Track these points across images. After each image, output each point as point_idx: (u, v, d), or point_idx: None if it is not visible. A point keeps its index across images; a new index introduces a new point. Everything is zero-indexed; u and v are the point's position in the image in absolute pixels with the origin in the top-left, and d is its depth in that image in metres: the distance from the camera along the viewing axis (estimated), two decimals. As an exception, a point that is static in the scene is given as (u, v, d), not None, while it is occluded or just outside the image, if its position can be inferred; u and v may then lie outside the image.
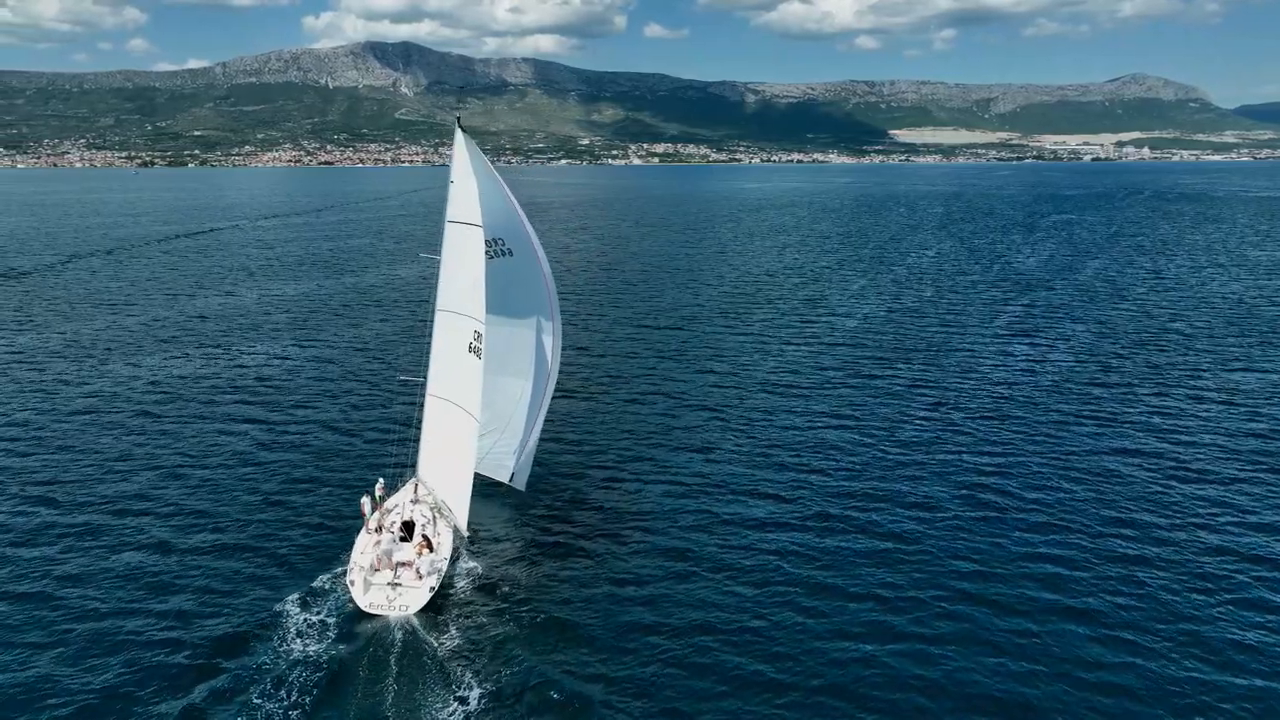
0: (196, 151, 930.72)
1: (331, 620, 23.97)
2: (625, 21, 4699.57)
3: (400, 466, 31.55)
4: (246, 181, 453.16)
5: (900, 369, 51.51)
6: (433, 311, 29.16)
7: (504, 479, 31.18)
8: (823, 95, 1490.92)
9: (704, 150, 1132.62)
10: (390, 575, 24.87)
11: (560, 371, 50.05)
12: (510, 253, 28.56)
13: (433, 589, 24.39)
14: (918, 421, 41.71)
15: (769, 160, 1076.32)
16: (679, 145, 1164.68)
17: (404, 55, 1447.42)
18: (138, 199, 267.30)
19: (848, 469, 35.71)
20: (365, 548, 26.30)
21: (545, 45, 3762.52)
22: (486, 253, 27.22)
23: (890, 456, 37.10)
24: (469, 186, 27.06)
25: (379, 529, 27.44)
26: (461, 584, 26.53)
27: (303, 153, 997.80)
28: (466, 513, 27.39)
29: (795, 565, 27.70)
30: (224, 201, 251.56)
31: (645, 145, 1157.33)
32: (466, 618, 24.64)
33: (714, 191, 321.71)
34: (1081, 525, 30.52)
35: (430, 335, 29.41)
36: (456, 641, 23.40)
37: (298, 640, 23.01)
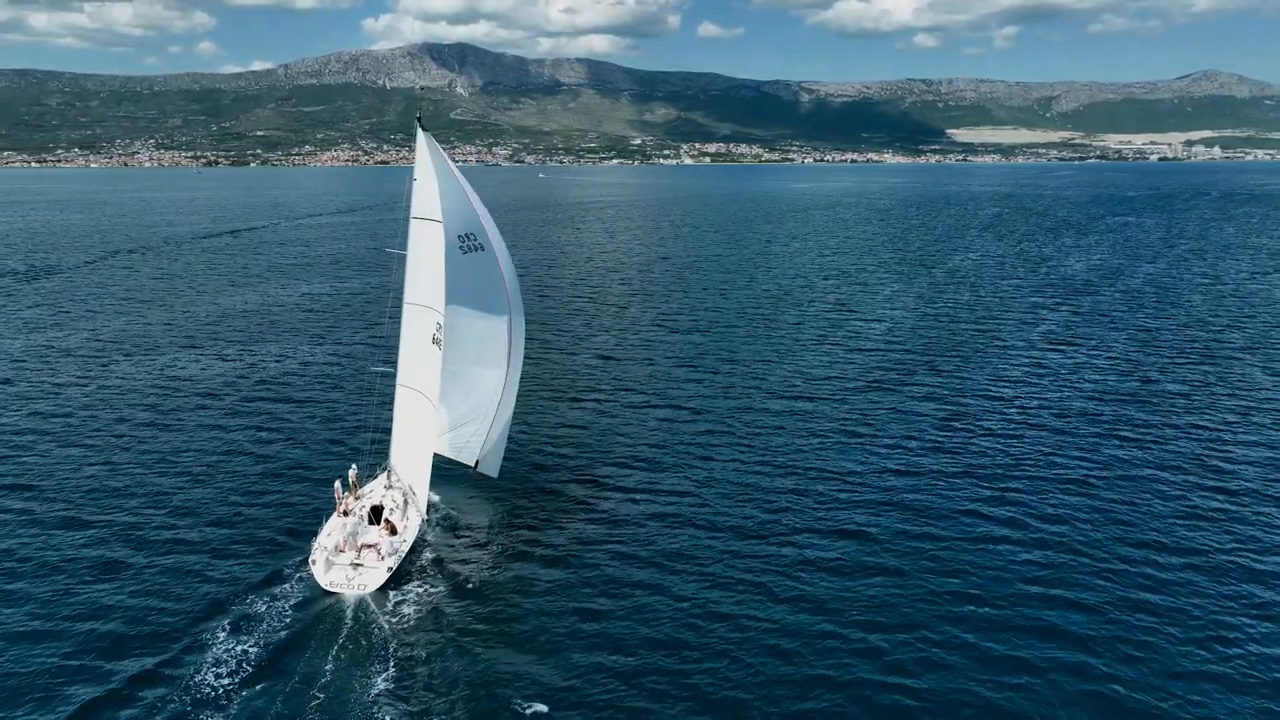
0: (259, 151, 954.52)
1: (292, 598, 24.67)
2: (679, 21, 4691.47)
3: (377, 454, 32.39)
4: (304, 180, 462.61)
5: (922, 378, 49.15)
6: (400, 305, 29.95)
7: (471, 463, 31.80)
8: (878, 94, 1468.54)
9: (756, 150, 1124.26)
10: (354, 556, 25.80)
11: (568, 374, 49.59)
12: (481, 248, 28.86)
13: (390, 569, 25.35)
14: (932, 436, 39.49)
15: (822, 160, 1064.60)
16: (731, 145, 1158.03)
17: (460, 56, 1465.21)
18: (194, 197, 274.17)
19: (849, 484, 33.77)
20: (333, 530, 27.21)
21: (599, 45, 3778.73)
22: (460, 248, 28.11)
23: (896, 472, 35.04)
24: (430, 184, 27.95)
25: (346, 513, 28.28)
26: (425, 570, 26.82)
27: (360, 152, 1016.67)
28: (425, 494, 28.78)
29: (776, 583, 25.96)
30: (276, 200, 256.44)
31: (697, 145, 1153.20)
32: (421, 603, 24.85)
33: (761, 192, 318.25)
34: (1103, 552, 28.14)
35: (400, 328, 30.24)
36: (407, 626, 23.62)
37: (256, 617, 23.71)
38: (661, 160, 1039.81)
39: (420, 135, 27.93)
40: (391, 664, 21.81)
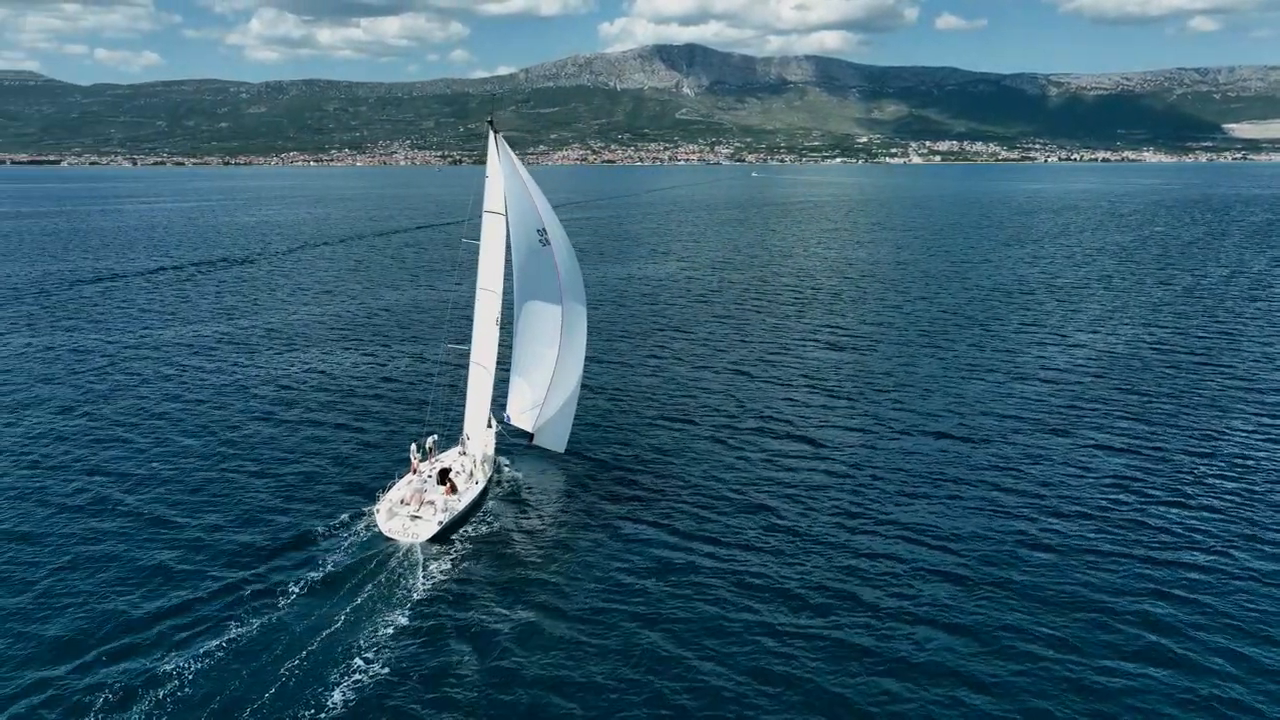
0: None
1: (355, 539, 28.12)
2: (916, 14, 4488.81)
3: (454, 424, 35.53)
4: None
5: (1109, 423, 40.33)
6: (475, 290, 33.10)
7: (529, 430, 34.12)
8: (1140, 86, 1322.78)
9: (993, 148, 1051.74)
10: (414, 509, 28.81)
11: (693, 389, 45.62)
12: (549, 241, 31.10)
13: (441, 523, 28.06)
14: (1098, 500, 31.57)
15: (1068, 159, 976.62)
16: (965, 143, 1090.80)
17: (688, 57, 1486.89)
18: (421, 194, 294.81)
19: (966, 554, 27.12)
20: (401, 486, 30.66)
21: (830, 42, 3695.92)
22: (540, 240, 31.07)
23: (1035, 546, 27.88)
24: (498, 181, 31.60)
25: (416, 473, 31.44)
26: (479, 532, 29.08)
27: (589, 151, 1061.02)
28: (480, 460, 32.42)
29: (827, 672, 20.68)
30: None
31: (927, 143, 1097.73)
32: (462, 560, 27.14)
33: (986, 193, 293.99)
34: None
35: (474, 311, 33.54)
36: (442, 576, 25.95)
37: (322, 549, 27.52)
38: (888, 159, 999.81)
39: (491, 137, 31.22)
40: (417, 606, 24.12)
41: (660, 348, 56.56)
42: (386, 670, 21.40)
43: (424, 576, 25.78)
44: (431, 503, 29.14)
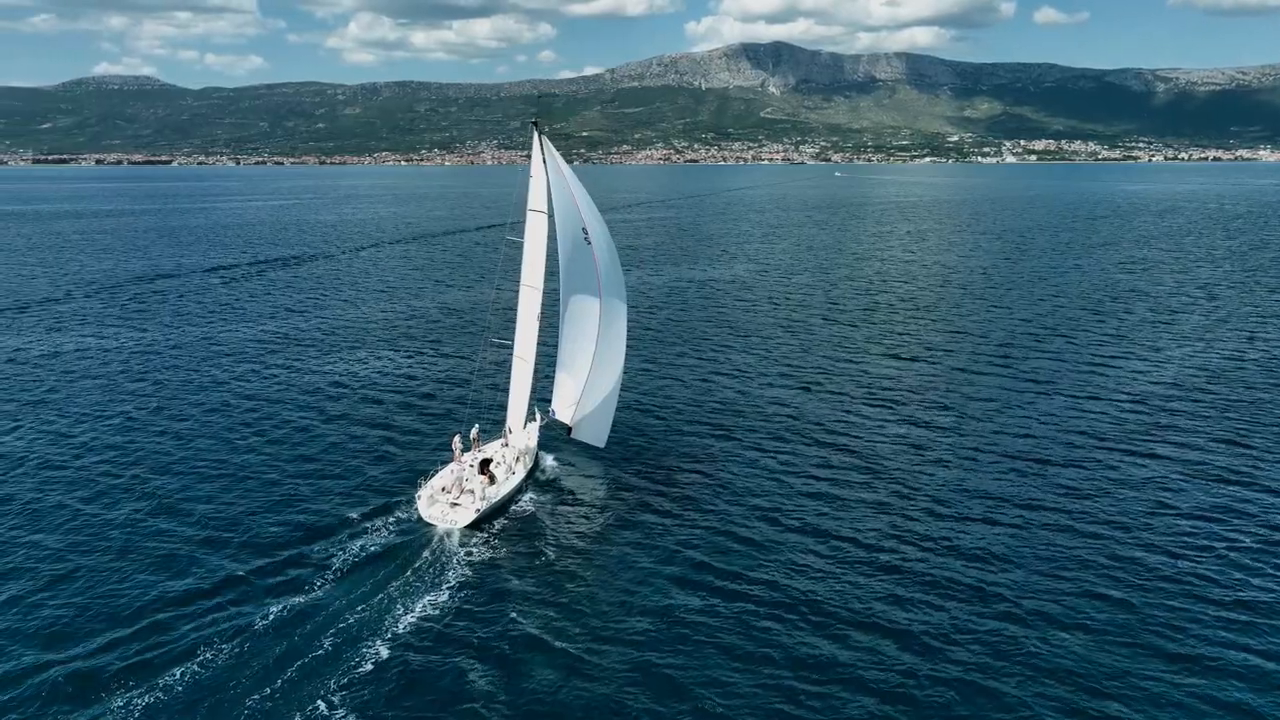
0: (582, 150, 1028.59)
1: (398, 522, 29.31)
2: (1013, 8, 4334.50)
3: (497, 417, 36.06)
4: (604, 178, 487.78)
5: (1198, 449, 36.75)
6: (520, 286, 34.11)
7: (567, 422, 34.79)
8: (1257, 80, 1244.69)
9: (1093, 147, 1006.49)
10: (454, 496, 29.80)
11: (746, 402, 43.61)
12: (590, 240, 31.54)
13: (478, 511, 28.99)
14: (1185, 542, 28.49)
15: (1175, 158, 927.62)
16: (1063, 142, 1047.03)
17: (774, 55, 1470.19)
18: (501, 192, 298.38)
19: (1026, 598, 24.58)
20: (444, 474, 31.30)
21: (921, 39, 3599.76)
22: (585, 239, 31.60)
23: (1109, 590, 25.09)
24: (541, 180, 32.39)
25: (456, 462, 31.92)
26: (516, 523, 29.66)
27: (672, 151, 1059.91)
28: (521, 452, 33.25)
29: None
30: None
31: (1023, 142, 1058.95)
32: (496, 549, 27.73)
33: (1082, 193, 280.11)
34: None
35: (518, 307, 34.62)
36: (476, 564, 26.66)
37: (367, 530, 28.79)
38: (980, 159, 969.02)
39: (535, 137, 31.78)
40: (448, 592, 24.92)
41: (719, 353, 54.79)
42: (406, 654, 21.92)
43: (458, 563, 26.70)
44: (471, 491, 29.90)
